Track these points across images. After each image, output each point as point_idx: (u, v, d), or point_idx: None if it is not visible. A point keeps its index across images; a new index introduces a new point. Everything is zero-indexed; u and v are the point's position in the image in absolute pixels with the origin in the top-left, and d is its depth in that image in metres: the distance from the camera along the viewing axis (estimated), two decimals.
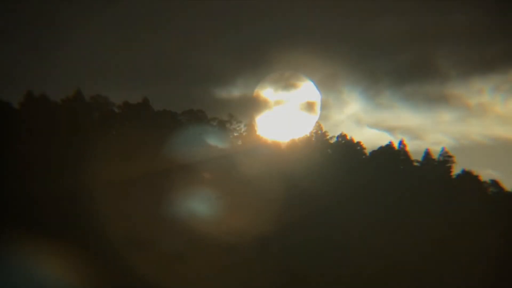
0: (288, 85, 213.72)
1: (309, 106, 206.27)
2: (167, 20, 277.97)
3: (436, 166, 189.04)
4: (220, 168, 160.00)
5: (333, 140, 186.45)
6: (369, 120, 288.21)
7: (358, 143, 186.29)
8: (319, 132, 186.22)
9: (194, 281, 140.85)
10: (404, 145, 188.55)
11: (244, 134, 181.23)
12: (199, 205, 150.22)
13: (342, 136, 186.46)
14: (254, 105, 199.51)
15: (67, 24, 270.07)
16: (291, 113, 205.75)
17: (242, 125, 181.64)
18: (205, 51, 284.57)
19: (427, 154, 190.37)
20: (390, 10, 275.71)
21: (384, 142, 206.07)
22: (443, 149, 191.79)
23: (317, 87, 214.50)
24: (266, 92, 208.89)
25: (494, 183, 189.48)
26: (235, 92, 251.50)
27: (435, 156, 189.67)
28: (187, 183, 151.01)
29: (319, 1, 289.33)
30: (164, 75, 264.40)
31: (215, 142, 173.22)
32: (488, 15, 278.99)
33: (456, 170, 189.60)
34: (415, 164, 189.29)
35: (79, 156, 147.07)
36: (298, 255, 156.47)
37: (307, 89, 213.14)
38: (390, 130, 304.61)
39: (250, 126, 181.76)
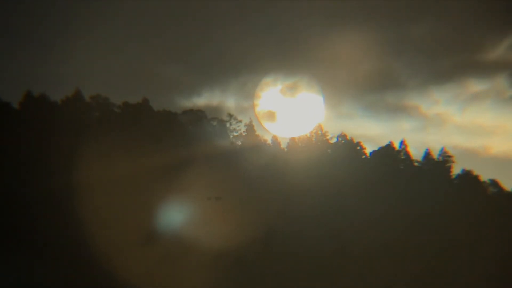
0: (252, 94, 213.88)
1: (270, 115, 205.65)
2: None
3: (436, 166, 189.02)
4: (220, 167, 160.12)
5: (333, 140, 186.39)
6: (331, 129, 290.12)
7: (358, 143, 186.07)
8: (319, 132, 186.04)
9: (190, 282, 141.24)
10: (405, 145, 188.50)
11: (244, 134, 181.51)
12: (198, 205, 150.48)
13: (342, 136, 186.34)
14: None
15: (67, 25, 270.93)
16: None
17: (241, 125, 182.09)
18: (171, 62, 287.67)
19: (427, 154, 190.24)
20: (351, 22, 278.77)
21: None
22: (442, 149, 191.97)
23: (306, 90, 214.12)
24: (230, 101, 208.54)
25: (494, 183, 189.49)
26: (199, 101, 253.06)
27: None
28: (186, 183, 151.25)
29: (279, 12, 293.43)
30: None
31: (214, 142, 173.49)
32: (444, 28, 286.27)
33: (455, 170, 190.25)
34: (415, 164, 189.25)
35: (79, 156, 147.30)
36: (298, 254, 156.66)
37: (268, 99, 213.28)
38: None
39: (250, 126, 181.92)
